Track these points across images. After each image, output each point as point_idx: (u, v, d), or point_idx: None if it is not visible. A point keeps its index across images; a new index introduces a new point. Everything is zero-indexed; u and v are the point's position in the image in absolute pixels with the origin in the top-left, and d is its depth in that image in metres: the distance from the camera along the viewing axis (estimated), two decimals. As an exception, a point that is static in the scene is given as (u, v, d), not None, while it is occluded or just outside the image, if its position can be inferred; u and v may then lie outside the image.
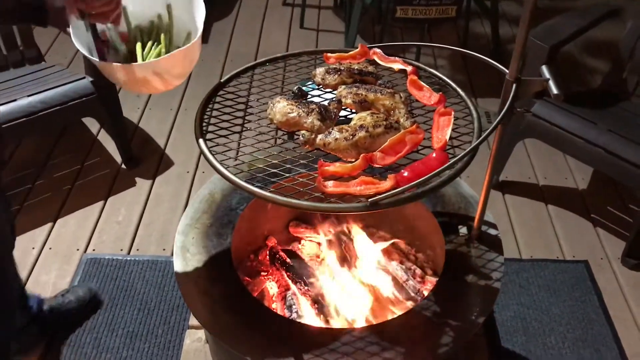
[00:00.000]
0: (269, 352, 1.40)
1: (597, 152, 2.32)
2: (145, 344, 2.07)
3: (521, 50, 1.24)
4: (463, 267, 1.60)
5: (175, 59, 1.33)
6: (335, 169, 1.18)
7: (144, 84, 1.35)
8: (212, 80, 1.51)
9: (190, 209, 1.80)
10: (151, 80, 1.34)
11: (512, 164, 2.84)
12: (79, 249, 2.45)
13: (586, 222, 2.65)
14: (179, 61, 1.35)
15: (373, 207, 1.11)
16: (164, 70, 1.33)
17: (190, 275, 1.59)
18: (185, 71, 1.40)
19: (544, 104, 2.48)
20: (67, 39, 1.33)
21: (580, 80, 3.57)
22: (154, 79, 1.33)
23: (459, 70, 3.66)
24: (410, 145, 1.22)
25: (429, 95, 1.38)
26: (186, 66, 1.39)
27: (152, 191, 2.75)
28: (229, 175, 1.20)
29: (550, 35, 2.48)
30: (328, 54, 1.56)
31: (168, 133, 3.11)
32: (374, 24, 4.08)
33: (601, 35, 3.84)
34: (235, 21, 4.16)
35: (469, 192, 1.84)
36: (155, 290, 2.26)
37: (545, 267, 2.40)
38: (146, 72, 1.32)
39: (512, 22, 4.14)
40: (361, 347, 1.41)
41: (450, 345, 1.41)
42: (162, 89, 1.39)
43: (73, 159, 2.91)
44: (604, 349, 2.10)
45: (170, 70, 1.35)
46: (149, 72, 1.32)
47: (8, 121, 2.31)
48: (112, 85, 2.71)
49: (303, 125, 1.28)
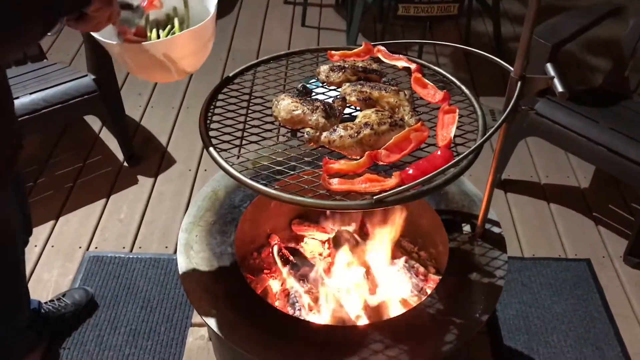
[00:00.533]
0: (272, 349, 1.40)
1: (599, 150, 2.32)
2: (148, 341, 2.07)
3: (526, 48, 1.24)
4: (466, 265, 1.60)
5: (184, 40, 1.31)
6: (340, 167, 1.18)
7: (154, 69, 1.34)
8: (214, 79, 1.51)
9: (193, 206, 1.80)
10: (161, 65, 1.31)
11: (514, 163, 2.84)
12: (81, 247, 2.45)
13: (588, 220, 2.65)
14: (189, 43, 1.33)
15: (378, 204, 1.11)
16: (175, 53, 1.31)
17: (194, 272, 1.59)
18: (198, 57, 1.38)
19: (547, 102, 2.48)
20: (69, 37, 1.33)
21: (582, 79, 3.57)
22: (164, 63, 1.31)
23: (461, 68, 3.66)
24: (415, 143, 1.22)
25: (434, 93, 1.38)
26: (199, 51, 1.37)
27: (154, 189, 2.75)
28: (234, 173, 1.20)
29: (553, 33, 2.48)
30: (332, 51, 1.56)
31: (170, 131, 3.11)
32: (375, 22, 4.08)
33: (603, 34, 3.84)
34: (236, 19, 4.16)
35: (473, 191, 1.84)
36: (157, 288, 2.26)
37: (547, 266, 2.40)
38: (156, 53, 1.30)
39: (513, 20, 4.14)
40: (364, 345, 1.41)
41: (453, 343, 1.42)
42: (174, 76, 1.37)
43: (75, 156, 2.91)
44: (606, 347, 2.10)
45: (181, 54, 1.32)
46: (158, 54, 1.30)
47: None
48: (114, 83, 2.71)
49: (307, 122, 1.28)
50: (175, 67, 1.34)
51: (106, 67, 2.60)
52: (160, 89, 3.42)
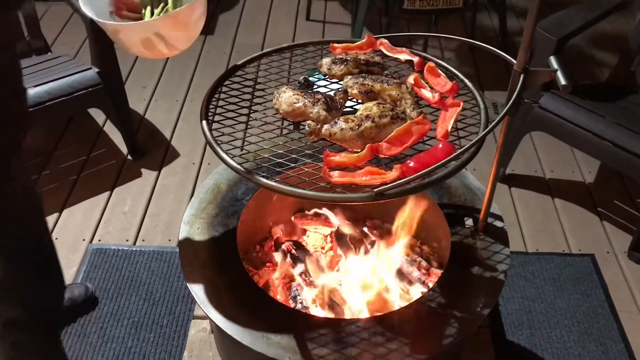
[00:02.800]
0: (274, 342, 1.41)
1: (604, 145, 2.30)
2: (150, 333, 2.08)
3: (529, 40, 1.23)
4: (468, 259, 1.60)
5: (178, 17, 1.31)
6: (341, 159, 1.18)
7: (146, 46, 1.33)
8: (218, 72, 1.50)
9: (195, 199, 1.80)
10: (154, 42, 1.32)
11: (518, 157, 2.82)
12: (85, 239, 2.46)
13: (593, 215, 2.64)
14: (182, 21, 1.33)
15: (378, 197, 1.11)
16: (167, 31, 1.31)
17: (196, 265, 1.59)
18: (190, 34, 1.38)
19: (551, 96, 2.46)
20: (74, 31, 1.33)
21: (588, 73, 3.54)
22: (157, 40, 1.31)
23: (466, 62, 3.64)
24: (417, 136, 1.22)
25: (444, 83, 1.38)
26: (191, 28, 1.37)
27: (158, 182, 2.76)
28: (235, 165, 1.20)
29: (559, 27, 2.46)
30: (334, 44, 1.55)
31: (174, 124, 3.11)
32: (381, 16, 4.06)
33: (609, 28, 3.82)
34: (241, 13, 4.15)
35: (475, 184, 1.83)
36: (160, 280, 2.27)
37: (551, 261, 2.39)
38: (149, 31, 1.30)
39: (519, 14, 4.11)
40: (366, 338, 1.41)
41: (454, 337, 1.41)
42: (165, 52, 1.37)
43: (79, 149, 2.91)
44: (610, 343, 2.09)
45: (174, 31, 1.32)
46: (152, 32, 1.30)
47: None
48: (118, 76, 2.71)
49: (309, 115, 1.27)
50: (167, 44, 1.34)
51: (110, 60, 2.61)
52: (165, 82, 3.42)
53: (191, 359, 1.81)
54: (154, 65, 3.52)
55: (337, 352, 1.38)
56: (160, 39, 1.31)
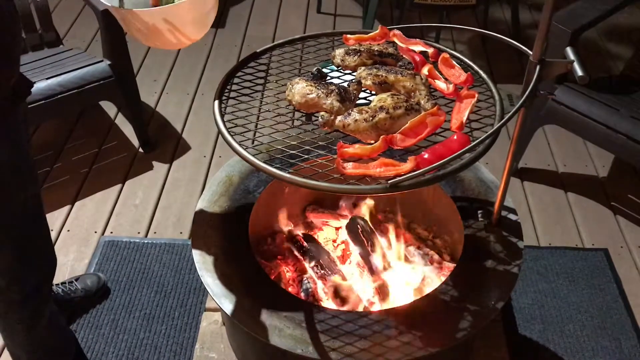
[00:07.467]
0: (285, 334, 1.40)
1: (619, 139, 2.28)
2: (162, 326, 2.09)
3: (546, 31, 1.22)
4: (481, 253, 1.59)
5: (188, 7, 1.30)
6: (355, 151, 1.17)
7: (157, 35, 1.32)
8: (229, 65, 1.50)
9: (207, 191, 1.80)
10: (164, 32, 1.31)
11: (531, 151, 2.80)
12: (97, 232, 2.47)
13: (606, 210, 2.61)
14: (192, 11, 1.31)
15: (393, 189, 1.10)
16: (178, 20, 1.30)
17: (208, 258, 1.59)
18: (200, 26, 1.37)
19: (565, 89, 2.43)
20: (85, 24, 1.33)
21: (602, 66, 3.50)
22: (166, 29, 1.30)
23: (479, 55, 3.61)
24: (431, 127, 1.21)
25: (459, 75, 1.36)
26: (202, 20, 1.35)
27: (169, 175, 2.76)
28: (248, 156, 1.20)
29: (573, 19, 2.43)
30: (348, 35, 1.54)
31: (185, 117, 3.11)
32: (392, 9, 4.04)
33: (624, 20, 3.77)
34: (252, 6, 4.14)
35: (489, 177, 1.82)
36: (172, 273, 2.27)
37: (564, 255, 2.37)
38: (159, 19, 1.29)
39: (532, 7, 4.07)
40: (378, 331, 1.40)
41: (467, 330, 1.41)
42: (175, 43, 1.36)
43: (91, 142, 2.92)
44: (623, 338, 2.07)
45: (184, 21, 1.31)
46: (161, 20, 1.29)
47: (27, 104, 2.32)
48: (129, 69, 2.71)
49: (322, 106, 1.26)
50: (177, 34, 1.33)
51: (122, 53, 2.61)
52: (176, 75, 3.42)
53: (203, 351, 1.81)
54: (165, 59, 3.53)
55: (350, 344, 1.38)
56: (172, 27, 1.30)
